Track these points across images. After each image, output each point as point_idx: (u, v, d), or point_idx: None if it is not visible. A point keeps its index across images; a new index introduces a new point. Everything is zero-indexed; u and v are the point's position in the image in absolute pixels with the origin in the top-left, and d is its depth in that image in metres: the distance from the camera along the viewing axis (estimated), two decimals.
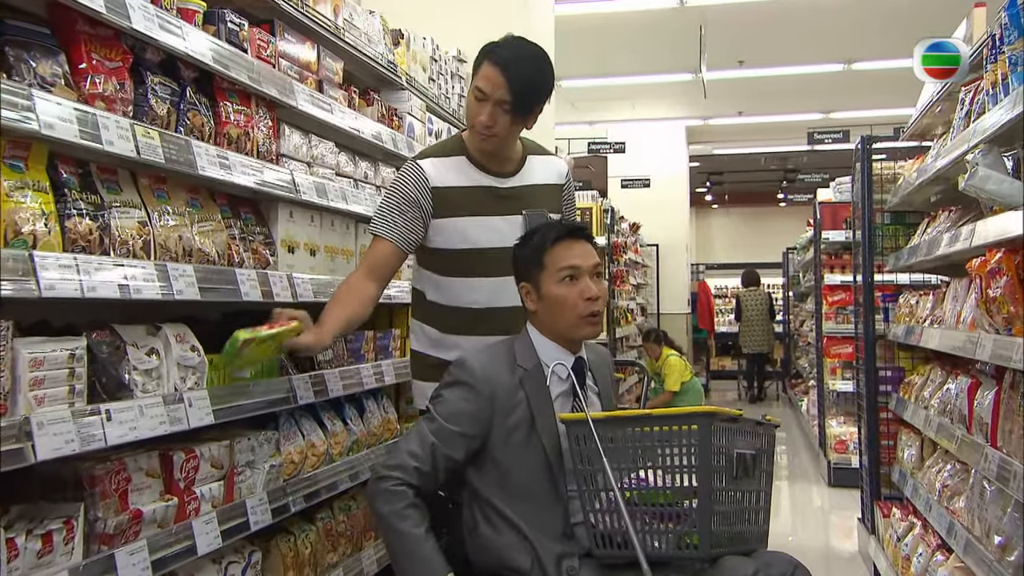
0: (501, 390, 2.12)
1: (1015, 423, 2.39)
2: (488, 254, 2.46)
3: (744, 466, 2.02)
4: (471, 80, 2.44)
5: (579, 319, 2.15)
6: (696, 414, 1.97)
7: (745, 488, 2.05)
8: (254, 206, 2.46)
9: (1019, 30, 2.27)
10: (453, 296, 2.51)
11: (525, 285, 2.23)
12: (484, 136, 2.43)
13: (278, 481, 2.34)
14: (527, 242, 2.25)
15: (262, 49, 2.37)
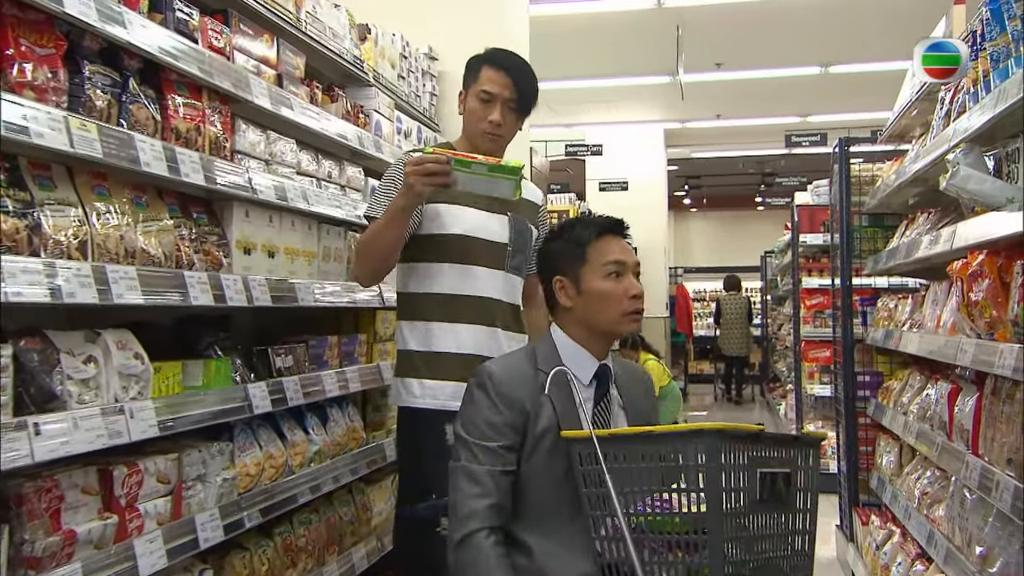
0: (527, 396, 1.97)
1: (997, 430, 2.31)
2: (480, 244, 2.54)
3: (772, 487, 1.76)
4: (468, 89, 2.57)
5: (623, 315, 2.04)
6: (703, 431, 1.72)
7: (776, 511, 1.79)
8: (207, 205, 2.34)
9: (1001, 25, 2.20)
10: (443, 284, 2.54)
11: (561, 279, 2.07)
12: (492, 136, 2.56)
13: (232, 495, 2.23)
14: (562, 235, 2.12)
15: (215, 40, 2.26)
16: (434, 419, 2.51)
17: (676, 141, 14.63)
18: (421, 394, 2.53)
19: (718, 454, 1.69)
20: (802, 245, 7.26)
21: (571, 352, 2.06)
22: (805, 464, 1.84)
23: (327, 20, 3.01)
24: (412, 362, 2.55)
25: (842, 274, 4.32)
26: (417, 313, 2.57)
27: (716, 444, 1.69)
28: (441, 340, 2.54)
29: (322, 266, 2.89)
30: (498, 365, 2.06)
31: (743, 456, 1.72)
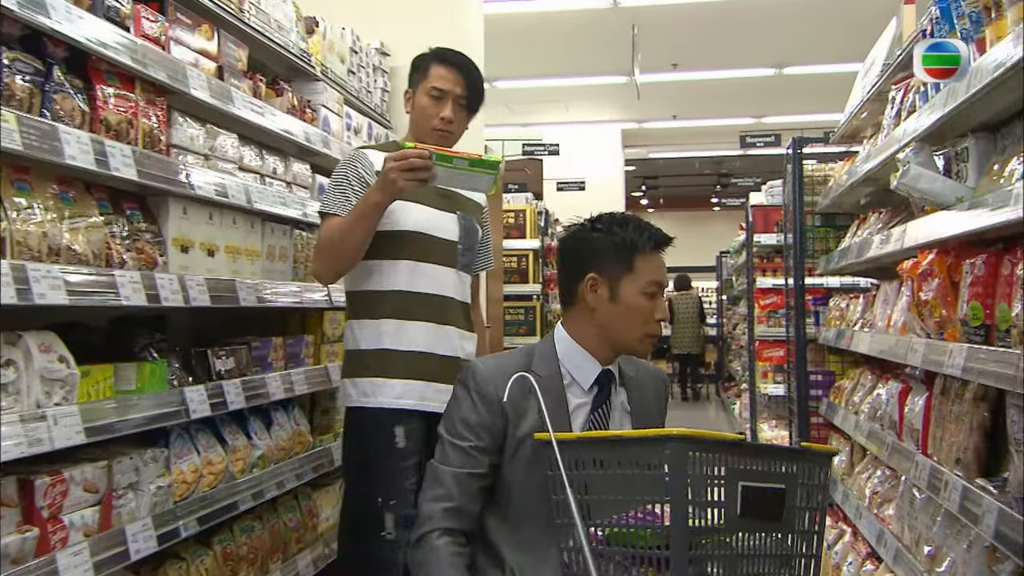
0: (510, 395, 1.85)
1: (946, 430, 2.31)
2: (432, 241, 2.53)
3: (760, 503, 1.59)
4: (417, 87, 2.57)
5: (645, 336, 1.95)
6: (669, 437, 1.58)
7: (768, 530, 1.62)
8: (141, 201, 2.24)
9: (951, 24, 2.19)
10: (396, 281, 2.50)
11: (595, 277, 1.92)
12: (443, 133, 2.55)
13: (167, 503, 2.13)
14: (609, 232, 1.95)
15: (150, 29, 2.16)
16: (384, 419, 2.47)
17: (633, 141, 14.70)
18: (372, 393, 2.48)
19: (684, 463, 1.54)
20: (756, 245, 7.30)
21: (573, 355, 1.96)
22: (809, 480, 1.65)
23: (272, 11, 2.92)
24: (362, 361, 2.51)
25: (795, 274, 4.33)
26: (368, 311, 2.53)
27: (682, 452, 1.54)
28: (392, 338, 2.50)
29: (267, 265, 2.80)
30: (485, 363, 1.99)
31: (719, 467, 1.56)
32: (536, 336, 7.96)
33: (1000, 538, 1.77)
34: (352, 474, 2.55)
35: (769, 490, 1.59)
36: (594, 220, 2.01)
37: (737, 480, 1.56)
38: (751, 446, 1.66)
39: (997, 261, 1.97)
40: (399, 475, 2.45)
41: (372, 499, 2.43)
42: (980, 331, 1.99)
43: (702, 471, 1.55)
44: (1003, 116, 2.25)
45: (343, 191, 2.47)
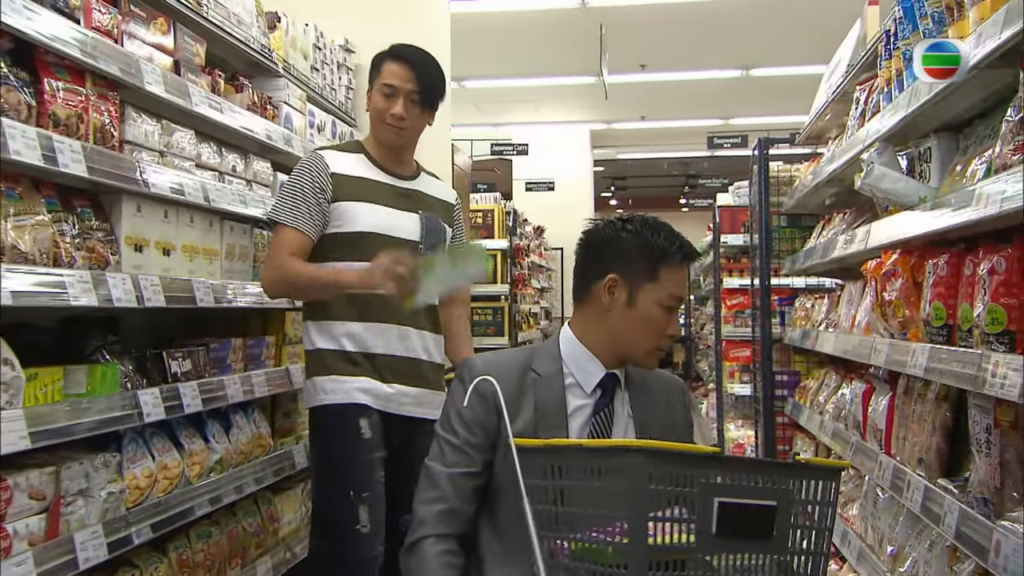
0: (504, 390, 1.76)
1: (909, 430, 2.32)
2: (390, 242, 2.47)
3: (741, 520, 1.45)
4: (373, 85, 2.58)
5: (654, 349, 1.86)
6: (628, 449, 1.48)
7: (754, 550, 1.48)
8: (93, 199, 2.18)
9: (914, 24, 2.20)
10: None
11: (616, 279, 1.83)
12: (396, 129, 2.55)
13: (119, 510, 2.07)
14: (640, 234, 1.85)
15: (102, 21, 2.10)
16: (348, 413, 2.46)
17: (602, 142, 14.72)
18: (333, 390, 2.47)
19: (644, 477, 1.42)
20: (723, 246, 7.33)
21: (577, 355, 1.88)
22: (809, 497, 1.50)
23: (232, 6, 2.86)
24: (322, 361, 2.50)
25: (761, 274, 4.34)
26: (326, 313, 2.51)
27: (641, 466, 1.43)
28: (352, 340, 2.49)
29: (226, 265, 2.74)
30: (483, 358, 1.91)
31: (690, 481, 1.43)
32: (504, 337, 7.93)
33: (961, 538, 1.77)
34: (322, 472, 2.52)
35: (755, 507, 1.46)
36: (625, 220, 1.90)
37: (712, 496, 1.43)
38: (731, 460, 1.54)
39: (959, 261, 1.97)
40: (369, 467, 2.45)
41: (344, 493, 2.41)
42: (943, 331, 1.99)
43: (666, 486, 1.43)
44: (965, 117, 2.26)
45: (295, 200, 2.45)
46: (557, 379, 1.85)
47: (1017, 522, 1.57)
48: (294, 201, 2.46)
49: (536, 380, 1.85)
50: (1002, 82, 1.90)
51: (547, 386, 1.84)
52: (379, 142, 2.61)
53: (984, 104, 2.14)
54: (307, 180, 2.47)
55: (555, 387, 1.85)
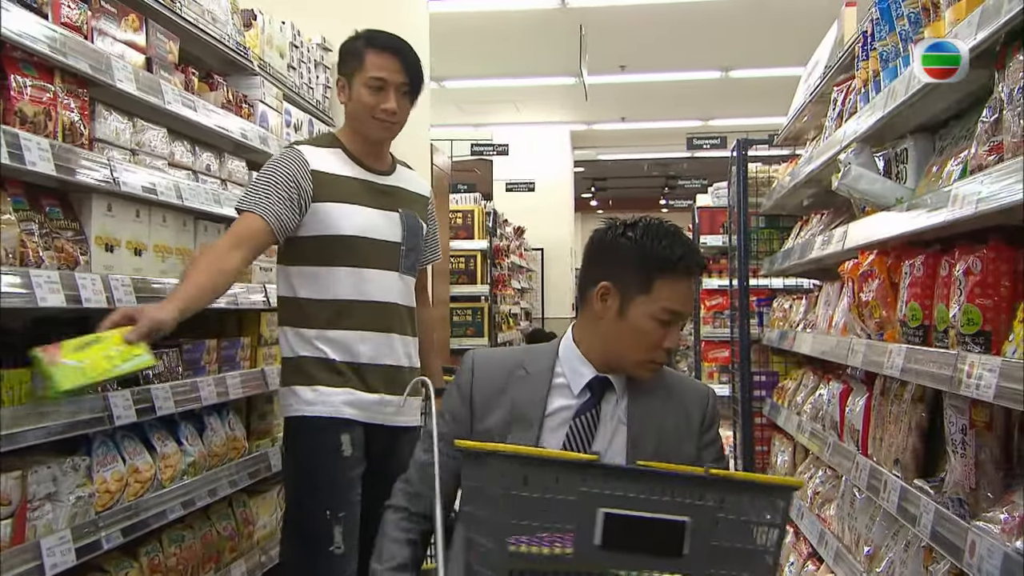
0: (484, 384, 1.80)
1: (886, 430, 2.32)
2: (372, 245, 2.44)
3: (633, 534, 1.35)
4: (353, 77, 2.45)
5: (646, 361, 1.80)
6: (491, 454, 1.39)
7: (657, 568, 1.38)
8: (62, 198, 2.14)
9: (890, 25, 2.20)
10: (334, 290, 2.41)
11: (607, 287, 1.79)
12: (389, 124, 2.46)
13: (88, 514, 2.03)
14: (638, 241, 1.78)
15: (71, 17, 2.06)
16: (329, 427, 2.38)
17: (582, 143, 14.75)
18: (314, 401, 2.39)
19: (504, 482, 1.36)
20: (703, 246, 7.33)
21: (571, 358, 1.84)
22: (734, 514, 1.38)
23: (206, 3, 2.83)
24: (302, 370, 2.42)
25: (739, 275, 4.35)
26: (306, 320, 2.43)
27: (499, 469, 1.37)
28: (334, 349, 2.41)
29: None
30: (480, 352, 1.91)
31: (570, 490, 1.35)
32: (484, 338, 7.92)
33: (936, 538, 1.77)
34: (297, 487, 2.44)
35: (657, 521, 1.34)
36: (629, 224, 1.84)
37: (595, 506, 1.34)
38: (617, 470, 1.44)
39: (935, 262, 1.97)
40: (347, 486, 2.37)
41: (319, 512, 2.34)
42: (919, 332, 2.00)
43: (533, 492, 1.35)
44: (941, 118, 2.27)
45: (268, 190, 2.33)
46: (542, 378, 1.82)
47: (991, 522, 1.57)
48: (262, 188, 2.33)
49: (521, 378, 1.82)
50: (977, 83, 1.91)
51: (530, 385, 1.81)
52: (362, 137, 2.50)
53: (960, 105, 2.15)
54: (282, 172, 2.35)
55: (538, 386, 1.81)
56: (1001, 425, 1.77)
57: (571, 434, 1.79)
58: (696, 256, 1.81)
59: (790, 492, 1.43)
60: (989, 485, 1.74)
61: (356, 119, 2.49)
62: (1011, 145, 1.57)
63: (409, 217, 2.55)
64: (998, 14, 1.60)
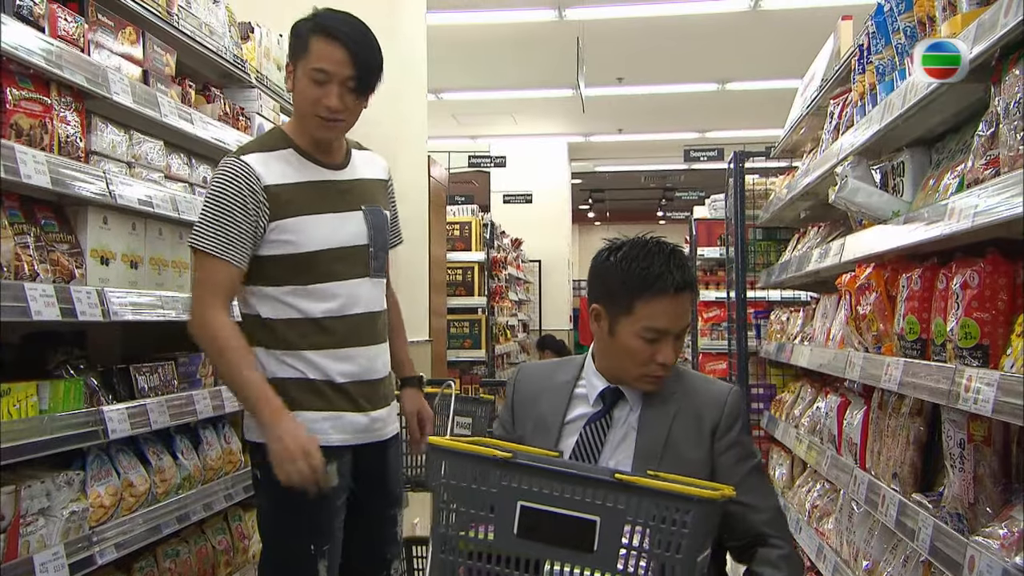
0: (523, 395, 2.01)
1: (884, 444, 2.31)
2: (339, 254, 2.21)
3: (548, 527, 1.46)
4: (297, 63, 2.16)
5: (642, 376, 1.89)
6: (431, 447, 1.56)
7: (570, 560, 1.46)
8: (58, 210, 2.13)
9: (887, 38, 2.21)
10: (301, 308, 2.18)
11: (598, 309, 1.92)
12: (331, 123, 2.17)
13: (82, 529, 2.02)
14: (625, 266, 1.87)
15: (67, 30, 2.06)
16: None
17: (579, 155, 14.77)
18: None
19: (438, 471, 1.52)
20: (700, 258, 7.35)
21: (590, 370, 1.99)
22: (642, 518, 1.43)
23: (203, 16, 2.83)
24: (285, 393, 2.13)
25: (737, 287, 4.35)
26: (277, 341, 2.20)
27: (436, 460, 1.53)
28: (313, 369, 2.20)
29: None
30: (527, 365, 2.11)
31: (488, 482, 1.49)
32: (481, 350, 7.91)
33: (935, 553, 1.76)
34: (277, 523, 2.20)
35: (569, 517, 1.46)
36: (618, 247, 1.94)
37: (515, 499, 1.48)
38: (530, 468, 1.50)
39: (933, 276, 1.97)
40: (331, 517, 2.20)
41: (304, 548, 2.14)
42: (916, 345, 1.99)
43: (459, 483, 1.51)
44: (938, 131, 2.27)
45: (222, 223, 2.09)
46: (566, 388, 1.97)
47: (991, 538, 1.56)
48: (221, 224, 2.09)
49: (549, 388, 1.99)
50: (974, 97, 1.91)
51: (555, 394, 1.97)
52: (304, 131, 2.24)
53: (956, 119, 2.15)
54: (235, 199, 2.10)
55: (560, 396, 1.97)
56: (1000, 439, 1.76)
57: (581, 440, 1.91)
58: (676, 274, 1.86)
59: (697, 503, 1.43)
60: (988, 500, 1.73)
61: (298, 113, 2.24)
62: (1007, 159, 1.56)
63: (373, 213, 2.31)
64: (994, 28, 1.60)
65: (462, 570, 1.53)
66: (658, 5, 7.80)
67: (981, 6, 1.72)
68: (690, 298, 1.91)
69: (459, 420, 3.00)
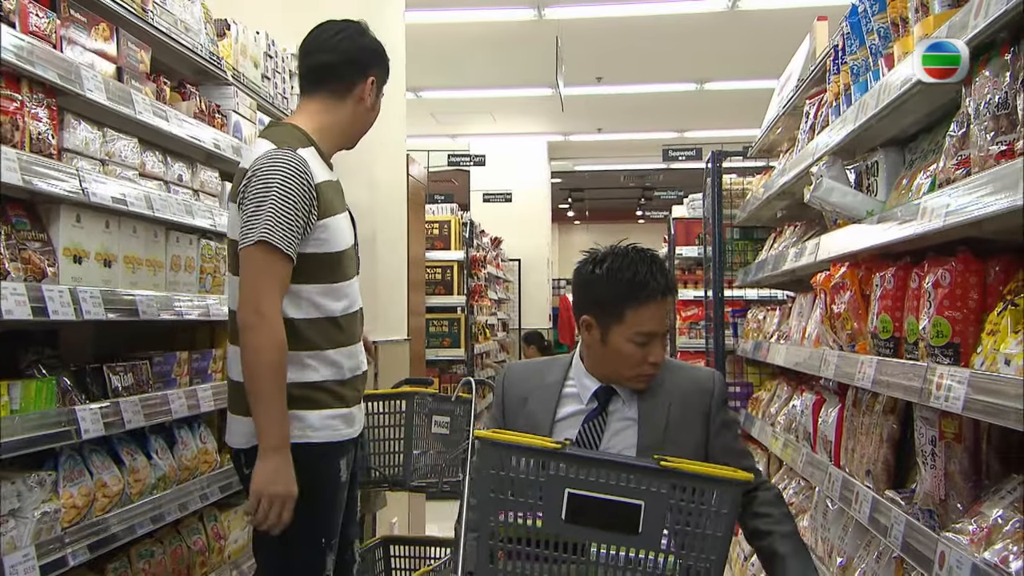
0: (511, 399, 2.10)
1: (858, 441, 2.33)
2: (349, 255, 2.33)
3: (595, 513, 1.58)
4: (374, 84, 2.44)
5: (635, 376, 2.03)
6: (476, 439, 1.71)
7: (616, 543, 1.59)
8: (29, 208, 2.11)
9: (860, 39, 2.23)
10: (328, 307, 2.23)
11: (589, 320, 2.04)
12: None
13: (54, 530, 2.00)
14: (612, 279, 1.99)
15: (38, 26, 2.04)
16: (332, 453, 2.23)
17: (559, 154, 14.79)
18: (321, 426, 2.21)
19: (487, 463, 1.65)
20: (678, 257, 7.39)
21: (579, 372, 2.09)
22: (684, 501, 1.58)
23: (178, 12, 2.80)
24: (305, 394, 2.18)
25: (714, 286, 4.38)
26: (300, 342, 2.18)
27: (485, 453, 1.65)
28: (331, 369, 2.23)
29: (171, 276, 2.67)
30: (513, 365, 2.19)
31: (538, 472, 1.62)
32: (460, 349, 7.91)
33: (907, 549, 1.78)
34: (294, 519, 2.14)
35: (615, 503, 1.58)
36: (600, 259, 2.05)
37: (563, 487, 1.60)
38: (578, 457, 1.63)
39: (906, 275, 1.99)
40: (339, 511, 2.28)
41: (316, 541, 2.20)
42: (890, 344, 2.01)
43: (513, 473, 1.62)
44: (911, 131, 2.29)
45: (293, 223, 2.10)
46: (555, 388, 2.07)
47: (961, 533, 1.58)
48: (289, 218, 2.09)
49: (538, 387, 2.09)
50: (946, 98, 1.93)
51: (544, 394, 2.07)
52: (347, 140, 2.41)
53: (929, 119, 2.18)
54: (300, 193, 2.12)
55: (550, 395, 2.07)
56: (970, 437, 1.78)
57: (580, 437, 2.02)
58: (662, 280, 2.01)
59: (736, 484, 1.62)
60: (958, 496, 1.75)
61: (361, 122, 2.43)
62: (978, 159, 1.58)
63: (350, 212, 2.41)
64: (964, 29, 1.62)
65: (501, 554, 1.64)
66: (637, 5, 7.83)
67: (952, 8, 1.74)
68: (673, 300, 2.04)
69: (437, 420, 2.99)
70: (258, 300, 2.07)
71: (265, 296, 2.08)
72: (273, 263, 2.09)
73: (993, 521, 1.52)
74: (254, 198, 2.12)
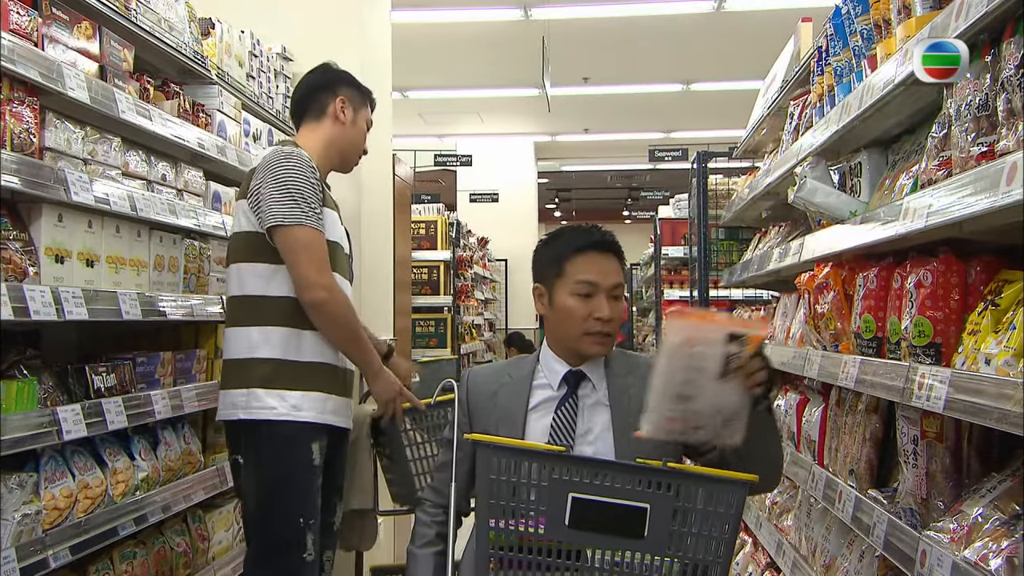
0: (478, 396, 2.09)
1: (841, 441, 2.35)
2: (342, 252, 2.54)
3: (598, 516, 1.55)
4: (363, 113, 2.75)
5: (584, 335, 2.02)
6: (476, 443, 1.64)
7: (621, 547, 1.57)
8: (11, 208, 2.09)
9: (844, 40, 2.24)
10: None
11: (539, 287, 2.11)
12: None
13: (35, 532, 1.98)
14: (549, 242, 2.12)
15: (19, 24, 2.02)
16: (304, 435, 2.37)
17: (546, 154, 14.80)
18: (303, 407, 2.37)
19: (487, 467, 1.61)
20: (664, 257, 7.42)
21: (548, 359, 2.09)
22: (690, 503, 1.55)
23: (162, 11, 2.79)
24: (273, 370, 2.37)
25: (700, 286, 4.39)
26: (282, 319, 2.40)
27: (486, 457, 1.61)
28: (312, 350, 2.42)
29: (155, 276, 2.65)
30: (476, 369, 2.19)
31: (540, 476, 1.57)
32: (447, 349, 7.89)
33: (889, 548, 1.79)
34: (272, 495, 2.36)
35: (619, 506, 1.54)
36: (549, 235, 2.16)
37: (566, 491, 1.56)
38: (583, 460, 1.62)
39: (888, 275, 2.00)
40: (317, 493, 2.41)
41: (294, 519, 2.35)
42: (873, 344, 2.02)
43: (515, 477, 1.58)
44: (893, 132, 2.31)
45: (308, 199, 2.38)
46: (524, 381, 2.07)
47: (942, 532, 1.59)
48: (308, 199, 2.38)
49: (506, 383, 2.08)
50: (928, 99, 1.94)
51: (514, 388, 2.07)
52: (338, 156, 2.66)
53: (911, 120, 2.19)
54: (311, 180, 2.41)
55: (520, 388, 2.06)
56: (952, 436, 1.79)
57: (555, 423, 2.01)
58: (597, 234, 2.05)
59: (742, 485, 1.58)
60: (940, 495, 1.76)
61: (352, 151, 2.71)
62: (959, 160, 1.59)
63: (346, 230, 2.66)
64: (946, 31, 1.63)
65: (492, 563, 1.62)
66: (623, 5, 7.84)
67: (934, 9, 1.75)
68: (616, 261, 2.05)
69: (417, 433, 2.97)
70: (318, 278, 2.36)
71: (322, 273, 2.36)
72: (311, 242, 2.36)
73: (973, 520, 1.53)
74: (275, 183, 2.37)
